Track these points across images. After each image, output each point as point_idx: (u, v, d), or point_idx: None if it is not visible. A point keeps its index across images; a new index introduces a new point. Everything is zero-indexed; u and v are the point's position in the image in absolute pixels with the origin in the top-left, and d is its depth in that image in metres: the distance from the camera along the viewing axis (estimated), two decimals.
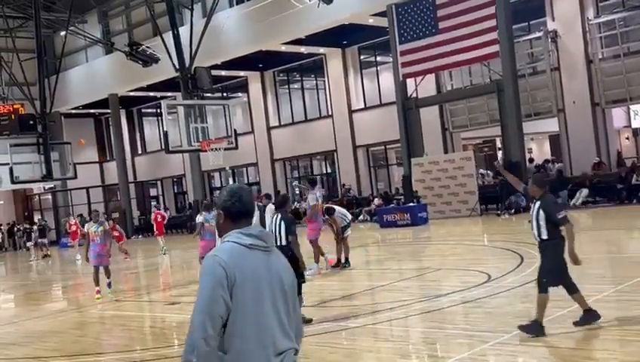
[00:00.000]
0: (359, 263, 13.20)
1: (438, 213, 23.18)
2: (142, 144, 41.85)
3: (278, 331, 2.49)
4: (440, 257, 13.33)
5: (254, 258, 2.51)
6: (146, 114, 42.59)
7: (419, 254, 15.27)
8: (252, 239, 2.54)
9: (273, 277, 2.53)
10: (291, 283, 2.62)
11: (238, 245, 2.52)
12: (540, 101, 24.70)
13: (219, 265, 2.45)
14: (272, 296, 2.51)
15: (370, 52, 31.09)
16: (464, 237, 17.14)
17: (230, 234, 2.58)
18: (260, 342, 2.43)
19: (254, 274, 2.47)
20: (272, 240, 2.62)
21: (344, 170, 31.36)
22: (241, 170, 37.68)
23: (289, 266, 2.68)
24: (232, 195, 2.64)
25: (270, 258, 2.57)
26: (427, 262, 13.05)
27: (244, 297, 2.43)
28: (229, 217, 2.61)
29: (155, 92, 36.25)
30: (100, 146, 43.59)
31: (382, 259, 14.65)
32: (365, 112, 30.54)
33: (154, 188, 42.43)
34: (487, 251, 14.26)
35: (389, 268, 12.51)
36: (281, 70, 34.14)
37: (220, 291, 2.40)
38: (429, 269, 11.81)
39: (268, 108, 34.08)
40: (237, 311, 2.41)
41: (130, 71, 29.28)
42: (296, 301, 2.65)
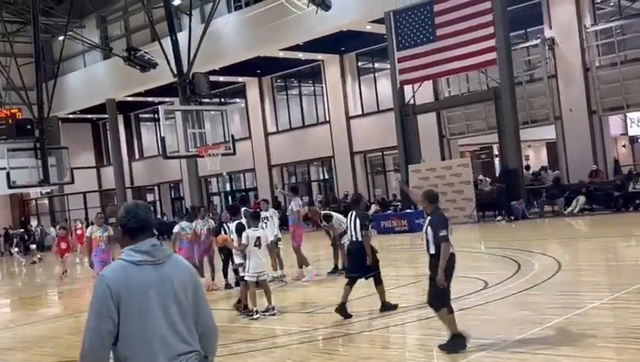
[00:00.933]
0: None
1: None
2: (139, 149, 41.82)
3: (171, 338, 2.67)
4: None
5: (142, 273, 2.69)
6: (144, 119, 42.58)
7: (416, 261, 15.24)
8: (141, 255, 2.73)
9: (165, 287, 2.71)
10: (189, 290, 2.79)
11: (126, 262, 2.73)
12: (537, 108, 24.76)
13: (105, 284, 2.67)
14: (163, 307, 2.68)
15: (367, 58, 31.15)
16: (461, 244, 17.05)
17: (123, 251, 2.79)
18: (149, 350, 2.62)
19: (141, 288, 2.66)
20: (163, 254, 2.78)
21: (341, 176, 31.38)
22: (238, 176, 37.68)
23: (188, 274, 2.84)
24: (128, 212, 2.82)
25: (162, 270, 2.74)
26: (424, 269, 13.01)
27: (132, 311, 2.63)
28: (126, 234, 2.79)
29: (153, 97, 36.26)
30: (97, 151, 43.56)
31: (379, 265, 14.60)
32: (363, 119, 30.58)
33: (151, 194, 42.37)
34: (485, 258, 14.25)
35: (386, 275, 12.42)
36: (279, 76, 34.19)
37: (105, 309, 2.62)
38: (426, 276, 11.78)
39: (265, 114, 34.11)
40: (125, 325, 2.62)
41: (128, 76, 29.29)
42: (200, 305, 2.82)
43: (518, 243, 15.34)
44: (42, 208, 41.59)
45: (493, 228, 21.80)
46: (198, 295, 2.85)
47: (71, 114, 39.04)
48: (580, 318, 7.36)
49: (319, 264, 16.35)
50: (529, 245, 14.62)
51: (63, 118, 38.90)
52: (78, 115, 39.80)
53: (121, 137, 38.69)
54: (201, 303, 2.85)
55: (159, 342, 2.65)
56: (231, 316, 9.98)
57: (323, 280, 12.70)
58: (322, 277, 13.08)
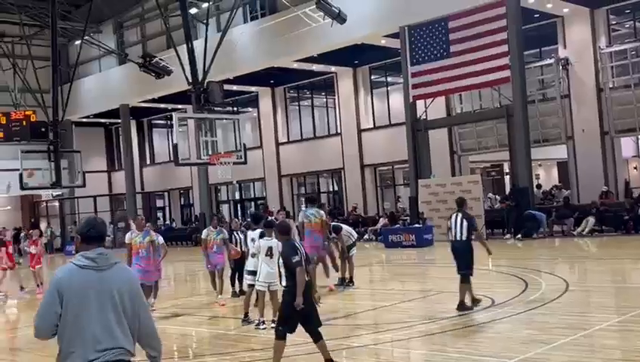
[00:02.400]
0: (363, 283, 13.19)
1: (443, 235, 22.90)
2: (151, 155, 42.02)
3: (102, 333, 3.18)
4: (444, 280, 13.31)
5: (85, 276, 3.23)
6: (157, 125, 42.80)
7: (423, 276, 15.24)
8: (87, 261, 3.26)
9: (104, 290, 3.22)
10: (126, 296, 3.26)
11: (74, 265, 3.27)
12: (549, 127, 24.73)
13: (55, 281, 3.26)
14: (99, 306, 3.20)
15: (381, 72, 31.24)
16: None
17: (76, 255, 3.35)
18: (81, 340, 3.18)
19: (82, 288, 3.20)
20: (107, 261, 3.29)
21: (351, 188, 31.40)
22: (248, 185, 37.78)
23: (127, 281, 3.32)
24: (88, 224, 3.38)
25: (104, 274, 3.25)
26: (431, 284, 13.03)
27: (71, 306, 3.18)
28: (84, 241, 3.33)
29: (166, 104, 36.46)
30: (109, 156, 43.81)
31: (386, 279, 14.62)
32: (374, 132, 30.64)
33: (161, 200, 42.53)
34: (492, 276, 14.22)
35: (392, 289, 12.50)
36: (292, 87, 34.34)
37: (52, 300, 3.22)
38: (432, 291, 11.79)
39: (277, 124, 34.24)
40: (65, 317, 3.19)
41: (143, 82, 29.52)
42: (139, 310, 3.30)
43: (526, 262, 15.30)
44: (52, 210, 41.84)
45: (501, 246, 21.70)
46: (136, 301, 3.31)
47: (84, 118, 39.34)
48: (586, 339, 7.34)
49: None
50: (537, 264, 14.58)
51: (77, 121, 39.23)
52: (91, 120, 40.09)
53: (133, 142, 38.90)
54: (140, 308, 3.32)
55: (90, 335, 3.16)
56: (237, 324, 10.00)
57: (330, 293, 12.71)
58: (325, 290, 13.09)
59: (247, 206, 38.83)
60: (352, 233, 13.39)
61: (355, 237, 13.34)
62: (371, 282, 14.07)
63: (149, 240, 11.01)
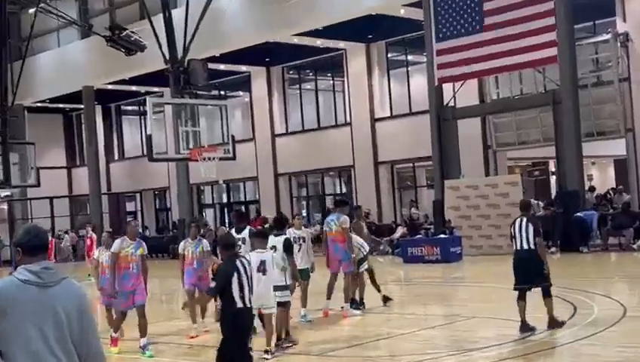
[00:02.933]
0: (376, 305, 13.20)
1: (474, 248, 23.13)
2: (120, 148, 42.11)
3: (43, 353, 3.39)
4: (474, 302, 13.32)
5: (26, 292, 3.42)
6: (127, 112, 42.84)
7: (449, 298, 15.25)
8: (30, 275, 3.44)
9: (46, 308, 3.42)
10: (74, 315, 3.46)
11: (17, 279, 3.46)
12: (604, 118, 24.68)
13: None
14: (39, 324, 3.40)
15: (400, 49, 31.23)
16: (505, 280, 16.94)
17: (18, 269, 3.51)
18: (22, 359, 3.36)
19: (23, 305, 3.40)
20: (53, 277, 3.46)
21: (362, 190, 31.42)
22: (237, 185, 37.83)
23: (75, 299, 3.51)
24: (29, 232, 3.57)
25: (48, 292, 3.44)
26: (458, 308, 13.04)
27: (12, 323, 3.37)
28: (26, 253, 3.51)
29: (139, 86, 36.52)
30: (69, 149, 43.92)
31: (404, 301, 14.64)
32: (391, 122, 30.65)
33: (131, 202, 42.56)
34: (533, 298, 14.21)
35: (411, 313, 12.53)
36: (292, 66, 34.35)
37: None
38: (460, 317, 11.81)
39: (273, 112, 34.28)
40: (4, 333, 3.37)
41: (110, 60, 29.55)
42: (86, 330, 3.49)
43: (574, 280, 15.29)
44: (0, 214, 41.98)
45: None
46: (84, 320, 3.52)
47: (40, 102, 39.44)
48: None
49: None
50: (588, 284, 14.58)
51: (30, 107, 39.33)
52: (48, 105, 40.17)
53: (98, 133, 38.95)
54: (87, 328, 3.53)
55: (31, 354, 3.38)
56: None
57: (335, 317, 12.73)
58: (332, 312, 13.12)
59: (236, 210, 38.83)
60: (363, 245, 13.40)
61: (366, 249, 13.36)
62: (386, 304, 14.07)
63: (202, 250, 11.21)
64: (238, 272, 7.09)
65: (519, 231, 9.96)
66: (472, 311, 12.19)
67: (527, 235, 9.89)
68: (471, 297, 14.44)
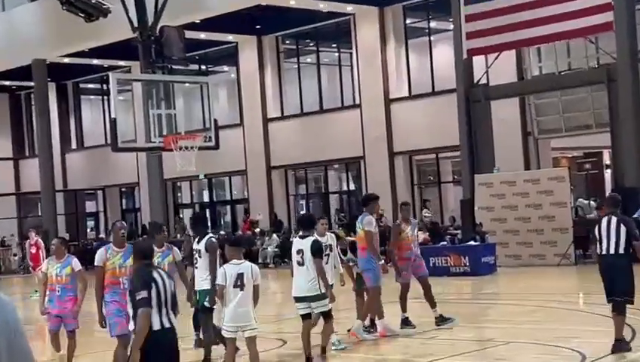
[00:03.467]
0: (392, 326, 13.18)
1: (511, 257, 23.10)
2: (78, 135, 42.14)
3: None
4: (511, 324, 13.30)
5: None
6: (87, 91, 42.85)
7: (480, 318, 15.24)
8: None
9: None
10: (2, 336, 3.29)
11: None
12: None
13: None
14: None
15: (420, 13, 31.19)
16: (549, 296, 17.07)
17: None
18: None
19: None
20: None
21: (375, 186, 31.33)
22: (221, 180, 37.82)
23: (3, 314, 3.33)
24: None
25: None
26: (492, 331, 13.02)
27: None
28: None
29: (102, 60, 36.50)
30: (15, 136, 43.92)
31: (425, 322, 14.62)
32: (409, 103, 30.63)
33: (92, 201, 42.57)
34: (583, 318, 14.19)
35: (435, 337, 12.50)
36: (288, 35, 34.32)
37: None
38: (493, 341, 11.79)
39: (266, 91, 34.26)
40: None
41: (66, 27, 29.55)
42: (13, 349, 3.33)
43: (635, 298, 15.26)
44: None
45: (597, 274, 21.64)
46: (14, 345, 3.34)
47: None
48: None
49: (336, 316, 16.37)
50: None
51: None
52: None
53: (52, 116, 38.99)
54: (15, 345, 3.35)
55: None
56: None
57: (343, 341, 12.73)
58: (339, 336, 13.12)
59: (220, 211, 38.90)
60: None
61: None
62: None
63: (173, 261, 10.98)
64: (157, 285, 7.05)
65: (607, 232, 10.02)
66: (509, 335, 12.17)
67: (617, 237, 9.93)
68: (507, 318, 14.41)
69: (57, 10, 25.37)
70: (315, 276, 10.42)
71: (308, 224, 11.24)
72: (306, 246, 10.52)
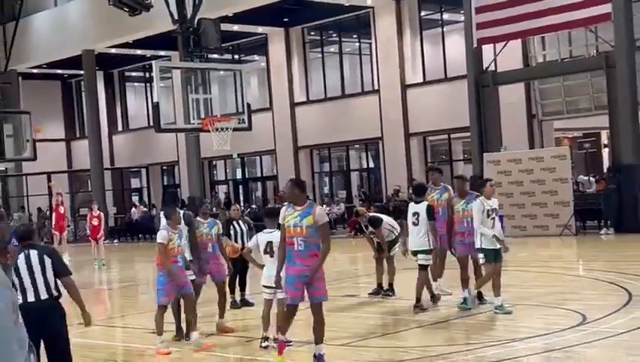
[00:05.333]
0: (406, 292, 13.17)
1: (517, 228, 23.05)
2: (123, 118, 42.34)
3: None
4: (518, 289, 13.28)
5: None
6: (131, 78, 42.96)
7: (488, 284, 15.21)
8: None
9: None
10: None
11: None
12: None
13: None
14: None
15: (434, 7, 31.00)
16: (552, 264, 17.04)
17: None
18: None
19: None
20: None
21: (392, 165, 31.36)
22: (253, 159, 37.91)
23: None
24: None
25: None
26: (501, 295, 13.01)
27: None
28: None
29: (145, 50, 36.58)
30: (67, 119, 44.21)
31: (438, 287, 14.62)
32: (424, 88, 30.51)
33: (136, 178, 42.83)
34: (583, 283, 14.17)
35: (447, 300, 12.50)
36: (313, 27, 34.23)
37: None
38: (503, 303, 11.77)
39: (293, 78, 34.24)
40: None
41: (113, 20, 29.62)
42: None
43: (630, 265, 15.19)
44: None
45: (597, 243, 21.59)
46: None
47: (35, 68, 39.67)
48: None
49: (358, 281, 16.44)
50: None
51: (25, 72, 39.57)
52: (44, 70, 40.41)
53: (100, 101, 39.20)
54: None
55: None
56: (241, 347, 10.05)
57: (363, 304, 12.72)
58: (361, 300, 13.12)
59: (252, 187, 39.01)
60: (394, 225, 13.37)
61: (398, 230, 13.34)
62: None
63: (216, 232, 11.13)
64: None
65: None
66: (515, 298, 12.14)
67: None
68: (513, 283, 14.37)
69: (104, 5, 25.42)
70: (425, 233, 11.20)
71: (420, 191, 11.82)
72: (422, 208, 11.28)
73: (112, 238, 35.81)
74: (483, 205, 10.93)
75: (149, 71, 37.34)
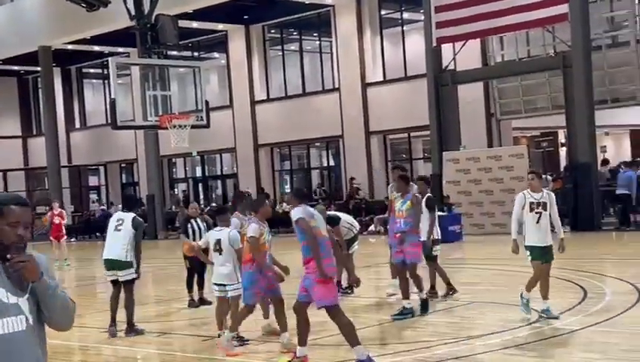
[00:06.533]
0: (366, 290, 13.22)
1: (475, 226, 23.21)
2: (81, 115, 41.92)
3: None
4: (475, 287, 13.37)
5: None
6: (89, 75, 42.53)
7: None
8: None
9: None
10: None
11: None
12: (620, 83, 24.73)
13: None
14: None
15: (394, 6, 31.10)
16: (509, 262, 17.06)
17: None
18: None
19: None
20: None
21: (352, 163, 31.42)
22: (212, 157, 37.74)
23: None
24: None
25: None
26: (458, 293, 13.08)
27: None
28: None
29: (102, 46, 36.26)
30: (23, 116, 43.62)
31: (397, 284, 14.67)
32: (384, 87, 30.60)
33: (95, 176, 42.40)
34: None
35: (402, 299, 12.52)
36: (274, 25, 34.15)
37: None
38: (459, 302, 11.84)
39: (253, 76, 34.14)
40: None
41: (70, 16, 29.29)
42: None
43: (585, 262, 15.37)
44: None
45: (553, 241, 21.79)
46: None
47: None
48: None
49: None
50: (600, 266, 14.66)
51: None
52: (0, 66, 39.82)
53: (57, 98, 38.71)
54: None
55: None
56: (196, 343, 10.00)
57: None
58: None
59: (212, 185, 38.83)
60: (353, 224, 13.38)
61: (357, 228, 13.35)
62: (377, 289, 14.11)
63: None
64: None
65: None
66: (473, 296, 12.23)
67: None
68: (471, 281, 14.49)
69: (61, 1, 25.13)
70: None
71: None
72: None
73: (70, 236, 35.39)
74: (524, 197, 10.10)
75: (106, 67, 36.92)
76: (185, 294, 13.02)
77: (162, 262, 21.31)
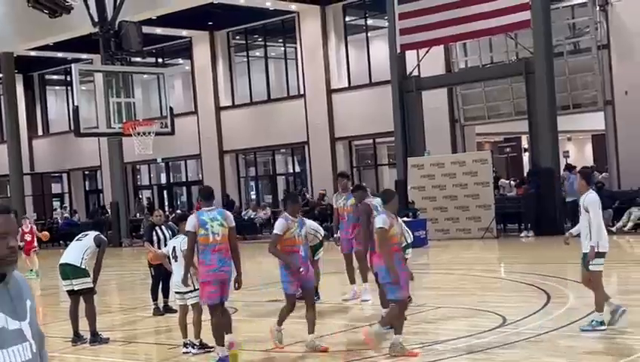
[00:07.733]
0: (332, 296, 13.21)
1: (440, 231, 23.31)
2: (44, 122, 41.48)
3: None
4: (440, 292, 13.41)
5: None
6: (51, 82, 42.11)
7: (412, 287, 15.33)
8: None
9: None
10: None
11: None
12: (581, 89, 25.00)
13: None
14: None
15: (358, 12, 31.17)
16: (474, 266, 17.25)
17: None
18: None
19: None
20: None
21: (318, 169, 31.41)
22: (177, 164, 37.53)
23: None
24: None
25: None
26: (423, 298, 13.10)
27: None
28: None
29: (65, 53, 35.93)
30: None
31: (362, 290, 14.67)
32: (349, 93, 30.64)
33: (58, 183, 41.94)
34: (504, 286, 14.37)
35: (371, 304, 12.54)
36: (238, 31, 34.08)
37: None
38: (424, 307, 11.87)
39: (218, 82, 34.01)
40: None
41: (33, 22, 28.94)
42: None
43: (549, 267, 15.50)
44: None
45: (517, 245, 21.99)
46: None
47: None
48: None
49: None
50: (563, 270, 14.81)
51: None
52: None
53: (19, 105, 38.34)
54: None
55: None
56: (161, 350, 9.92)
57: None
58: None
59: (177, 192, 38.61)
60: (318, 230, 13.36)
61: (322, 235, 13.33)
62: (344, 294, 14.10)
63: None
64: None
65: None
66: (438, 301, 12.27)
67: None
68: (436, 286, 14.54)
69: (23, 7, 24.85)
70: None
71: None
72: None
73: None
74: None
75: (69, 74, 36.58)
76: (150, 302, 12.92)
77: (127, 270, 21.13)
